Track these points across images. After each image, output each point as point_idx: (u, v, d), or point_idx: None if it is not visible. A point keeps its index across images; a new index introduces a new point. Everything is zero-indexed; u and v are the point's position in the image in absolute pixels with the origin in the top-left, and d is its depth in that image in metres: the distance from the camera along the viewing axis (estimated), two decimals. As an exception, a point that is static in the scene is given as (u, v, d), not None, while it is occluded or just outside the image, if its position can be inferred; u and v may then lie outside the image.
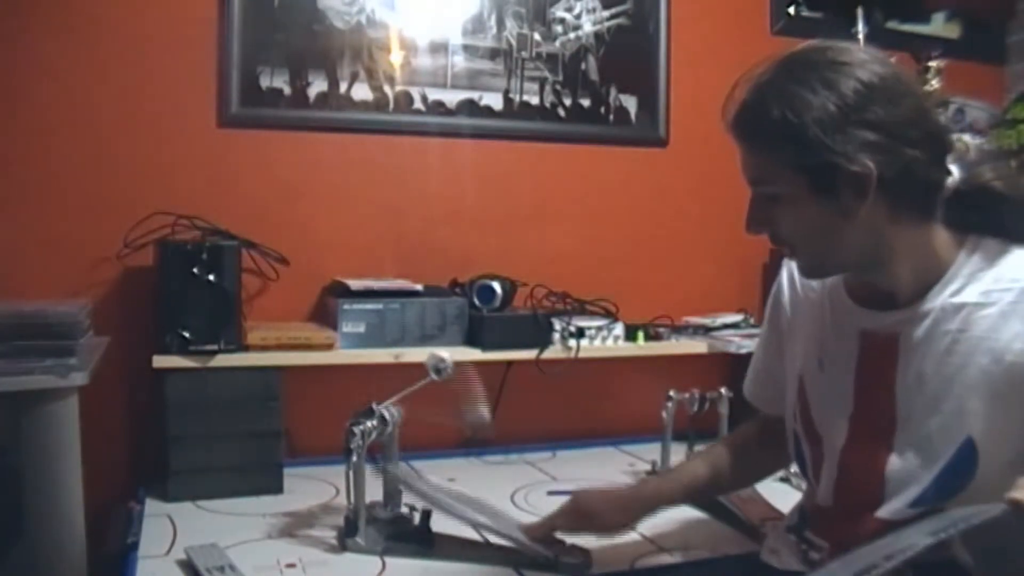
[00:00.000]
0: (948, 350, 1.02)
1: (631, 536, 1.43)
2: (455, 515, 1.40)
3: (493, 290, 1.92)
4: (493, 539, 1.38)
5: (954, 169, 1.06)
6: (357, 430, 1.38)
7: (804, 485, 1.26)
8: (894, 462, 1.06)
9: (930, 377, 1.03)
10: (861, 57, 1.01)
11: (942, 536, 0.85)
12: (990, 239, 1.05)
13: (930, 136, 1.01)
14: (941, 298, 1.04)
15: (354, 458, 1.38)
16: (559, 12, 2.17)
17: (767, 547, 1.25)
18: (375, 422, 1.41)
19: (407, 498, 1.45)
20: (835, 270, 1.12)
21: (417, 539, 1.40)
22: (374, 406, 1.42)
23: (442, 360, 1.46)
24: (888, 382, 1.07)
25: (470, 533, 1.41)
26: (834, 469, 1.12)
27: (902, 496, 1.04)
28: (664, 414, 1.74)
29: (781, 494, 1.56)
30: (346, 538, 1.40)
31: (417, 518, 1.42)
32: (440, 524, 1.41)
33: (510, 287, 1.97)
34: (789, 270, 1.26)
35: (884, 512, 1.05)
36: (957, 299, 1.03)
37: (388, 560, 1.36)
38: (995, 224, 1.05)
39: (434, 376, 1.46)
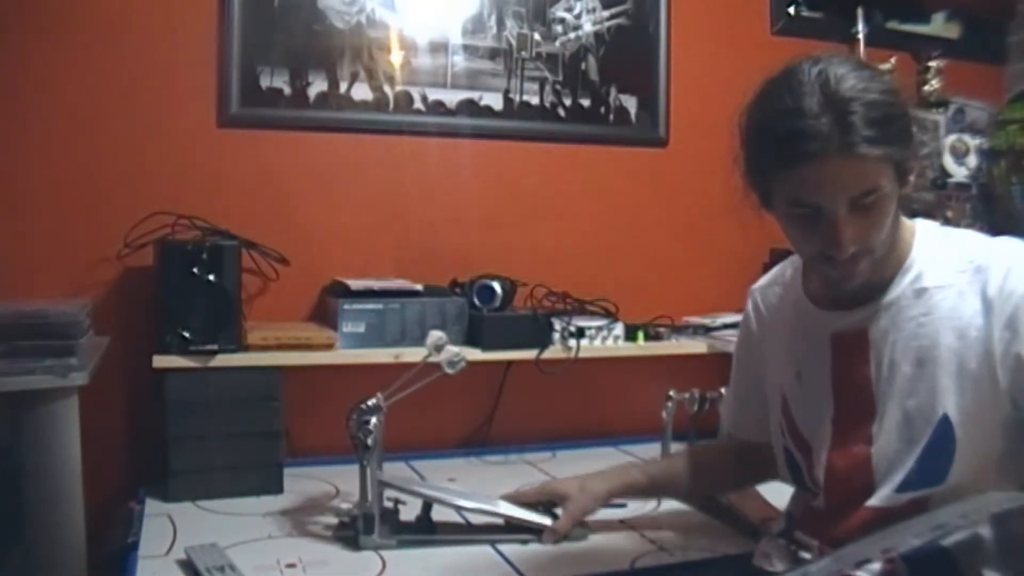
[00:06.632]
0: (915, 334, 1.06)
1: (631, 536, 1.43)
2: (446, 503, 1.44)
3: (493, 290, 1.92)
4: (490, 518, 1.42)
5: None
6: (372, 424, 1.38)
7: (793, 491, 1.28)
8: (878, 449, 1.08)
9: (901, 362, 1.06)
10: None
11: (945, 530, 0.86)
12: (930, 223, 1.12)
13: None
14: (902, 287, 1.08)
15: (373, 449, 1.37)
16: (559, 12, 2.17)
17: (759, 552, 1.27)
18: (382, 416, 1.41)
19: (388, 492, 1.44)
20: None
21: (421, 529, 1.42)
22: (380, 400, 1.42)
23: (442, 337, 1.48)
24: (864, 376, 1.10)
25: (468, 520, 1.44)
26: (825, 470, 1.14)
27: (889, 482, 1.06)
28: (664, 414, 1.75)
29: (781, 494, 1.55)
30: (361, 535, 1.39)
31: (402, 510, 1.44)
32: (440, 515, 1.45)
33: (510, 287, 1.96)
34: (753, 299, 1.33)
35: (874, 500, 1.07)
36: (918, 285, 1.07)
37: (388, 559, 1.36)
38: (928, 208, 1.15)
39: (447, 370, 1.47)
